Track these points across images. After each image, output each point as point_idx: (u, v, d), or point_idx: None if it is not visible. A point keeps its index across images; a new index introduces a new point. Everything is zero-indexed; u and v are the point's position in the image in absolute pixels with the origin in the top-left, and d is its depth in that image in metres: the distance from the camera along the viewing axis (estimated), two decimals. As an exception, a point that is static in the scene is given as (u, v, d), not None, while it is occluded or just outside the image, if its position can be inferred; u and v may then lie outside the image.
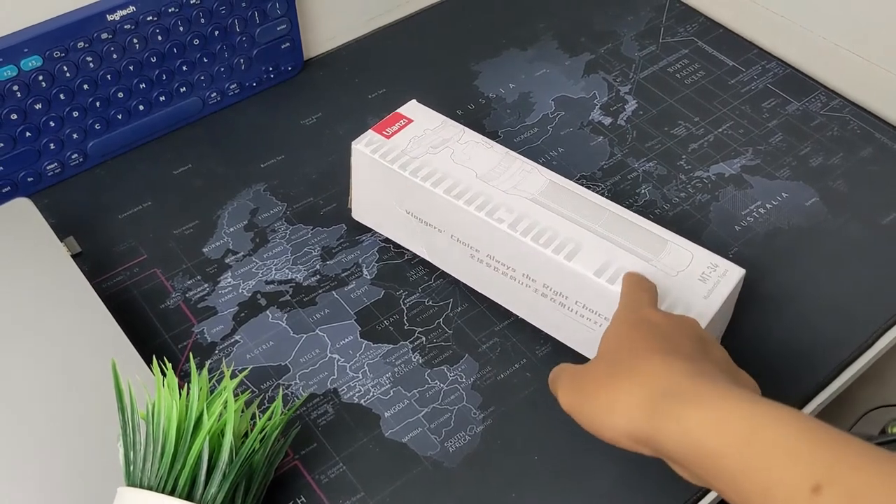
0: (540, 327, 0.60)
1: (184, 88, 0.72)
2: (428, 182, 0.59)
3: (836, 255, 0.66)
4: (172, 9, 0.67)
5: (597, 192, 0.70)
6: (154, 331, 0.61)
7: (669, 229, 0.60)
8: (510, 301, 0.61)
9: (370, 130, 0.63)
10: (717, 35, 0.84)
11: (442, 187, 0.59)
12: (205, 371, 0.50)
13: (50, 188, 0.69)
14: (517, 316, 0.61)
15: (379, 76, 0.79)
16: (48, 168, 0.68)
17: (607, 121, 0.76)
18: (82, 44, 0.64)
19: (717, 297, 0.53)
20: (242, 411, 0.50)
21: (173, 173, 0.71)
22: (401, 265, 0.65)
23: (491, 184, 0.59)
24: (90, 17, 0.63)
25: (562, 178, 0.60)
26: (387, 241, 0.66)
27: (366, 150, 0.61)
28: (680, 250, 0.56)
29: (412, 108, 0.65)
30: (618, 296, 0.53)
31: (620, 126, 0.75)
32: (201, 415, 0.47)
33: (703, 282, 0.54)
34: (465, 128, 0.63)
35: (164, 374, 0.48)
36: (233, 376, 0.57)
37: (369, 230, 0.67)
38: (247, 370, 0.54)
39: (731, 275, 0.55)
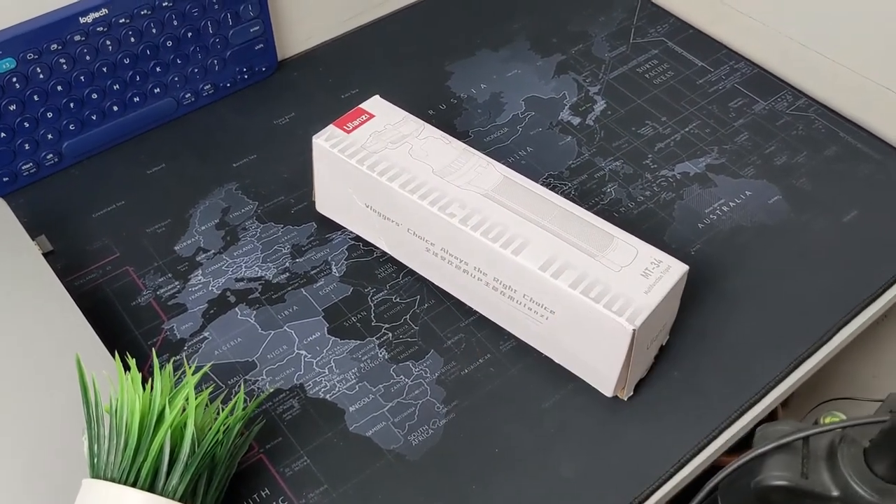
0: (495, 321, 0.62)
1: (158, 89, 0.73)
2: (384, 177, 0.60)
3: (797, 253, 0.67)
4: (145, 11, 0.68)
5: (564, 191, 0.71)
6: (125, 327, 0.62)
7: (634, 227, 0.61)
8: (467, 295, 0.62)
9: (331, 125, 0.64)
10: (687, 36, 0.85)
11: (398, 182, 0.60)
12: (168, 366, 0.51)
13: (25, 188, 0.71)
14: (482, 312, 0.62)
15: (353, 76, 0.81)
16: (23, 168, 0.69)
17: (576, 121, 0.77)
18: (55, 46, 0.65)
19: (657, 292, 0.54)
20: (207, 406, 0.51)
21: (147, 173, 0.72)
22: (369, 262, 0.66)
23: (446, 179, 0.60)
24: (63, 19, 0.65)
25: (516, 174, 0.62)
26: (357, 238, 0.67)
27: (325, 144, 0.63)
28: (625, 246, 0.57)
29: (374, 104, 0.66)
30: (561, 290, 0.54)
31: (589, 126, 0.77)
32: (164, 409, 0.48)
33: (646, 277, 0.55)
34: (426, 123, 0.65)
35: (128, 369, 0.49)
36: (197, 371, 0.58)
37: (339, 228, 0.68)
38: (207, 367, 0.55)
39: (673, 271, 0.56)
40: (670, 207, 0.70)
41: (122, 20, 0.67)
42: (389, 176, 0.61)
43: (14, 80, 0.65)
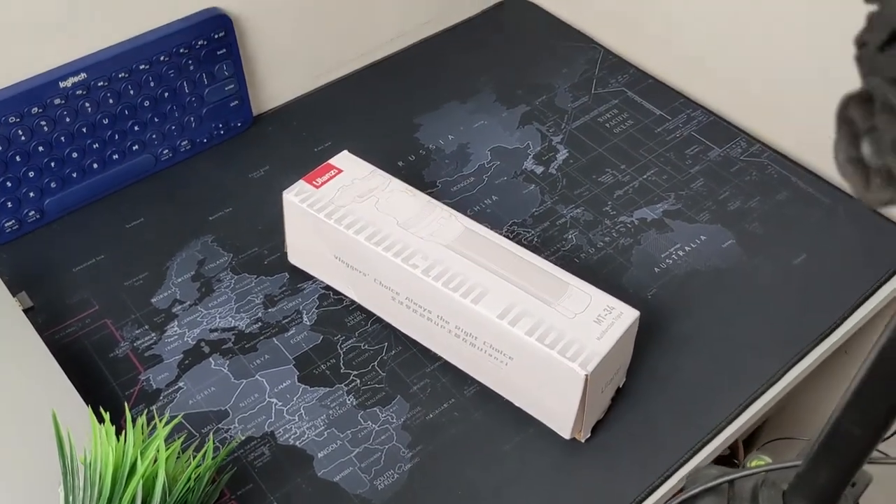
0: (459, 366, 0.64)
1: (136, 147, 0.76)
2: (351, 230, 0.63)
3: (749, 295, 0.70)
4: (123, 74, 0.71)
5: (527, 238, 0.74)
6: (103, 379, 0.64)
7: (593, 273, 0.64)
8: (431, 342, 0.65)
9: (301, 180, 0.67)
10: (647, 85, 0.89)
11: (364, 234, 0.63)
12: (141, 419, 0.54)
13: (7, 244, 0.73)
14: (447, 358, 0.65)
15: (325, 130, 0.84)
16: (6, 225, 0.72)
17: (539, 169, 0.80)
18: (36, 109, 0.68)
19: (609, 337, 0.57)
20: (179, 455, 0.54)
21: (126, 227, 0.75)
22: (339, 311, 0.69)
23: (410, 231, 0.63)
24: (43, 84, 0.68)
25: (477, 224, 0.65)
26: (327, 288, 0.70)
27: (295, 199, 0.66)
28: (580, 293, 0.60)
29: (343, 159, 0.69)
30: (518, 337, 0.57)
31: (551, 174, 0.80)
32: (136, 460, 0.50)
33: (598, 323, 0.58)
34: (392, 177, 0.68)
35: (102, 421, 0.52)
36: (169, 422, 0.60)
37: (311, 278, 0.71)
38: (177, 418, 0.57)
39: (625, 317, 0.59)
40: (628, 253, 0.73)
41: (100, 83, 0.70)
42: (356, 229, 0.64)
43: (-3, 142, 0.68)
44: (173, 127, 0.77)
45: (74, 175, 0.74)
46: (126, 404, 0.62)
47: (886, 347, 0.30)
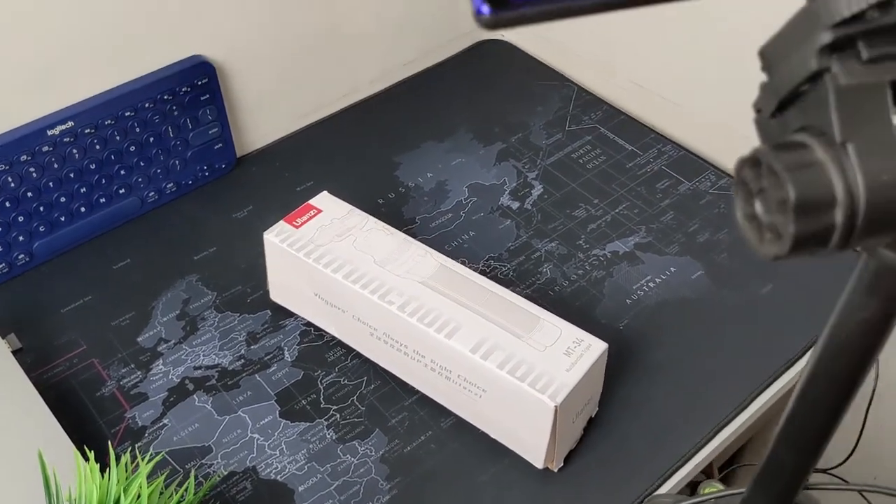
0: (436, 399, 0.66)
1: (123, 190, 0.78)
2: (329, 268, 0.66)
3: (717, 325, 0.72)
4: (109, 121, 0.74)
5: (502, 272, 0.77)
6: (90, 417, 0.66)
7: (567, 305, 0.66)
8: (409, 375, 0.67)
9: (281, 221, 0.69)
10: (619, 121, 0.92)
11: (341, 273, 0.65)
12: (125, 457, 0.55)
13: (-2, 286, 0.76)
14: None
15: (307, 170, 0.87)
16: (-4, 268, 0.74)
17: (515, 205, 0.83)
18: (25, 157, 0.71)
19: (578, 369, 0.59)
20: (162, 491, 0.55)
21: (113, 268, 0.77)
22: (320, 347, 0.71)
23: (386, 268, 0.66)
24: (31, 133, 0.70)
25: (452, 261, 0.67)
26: (308, 324, 0.72)
27: (275, 239, 0.68)
28: (550, 327, 0.62)
29: (322, 199, 0.72)
30: (490, 371, 0.59)
31: (527, 210, 0.82)
32: (119, 498, 0.52)
33: (568, 355, 0.60)
34: (369, 216, 0.70)
35: (87, 459, 0.54)
36: (152, 459, 0.62)
37: (292, 315, 0.73)
38: (159, 455, 0.59)
39: (593, 349, 0.61)
40: (601, 285, 0.75)
41: (87, 130, 0.73)
42: (334, 267, 0.66)
43: (-13, 189, 0.70)
44: (159, 170, 0.80)
45: (63, 219, 0.76)
46: (110, 442, 0.64)
47: (811, 376, 0.32)
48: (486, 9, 0.23)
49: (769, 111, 0.26)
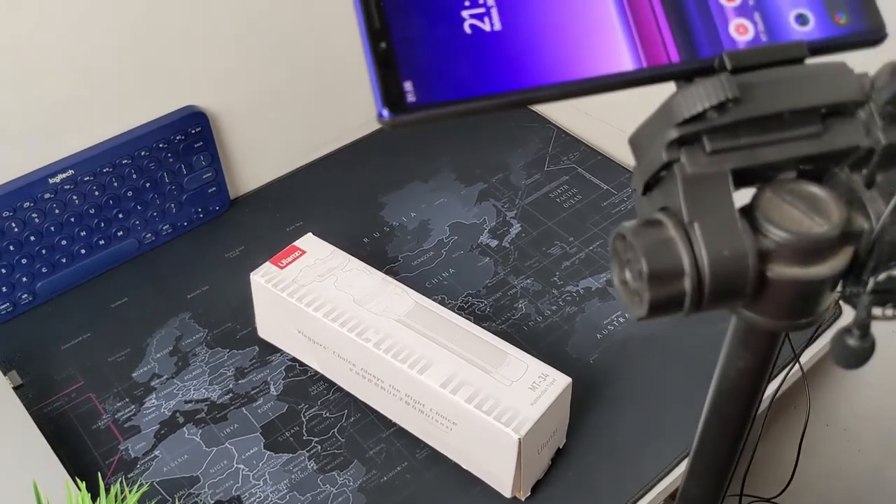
0: (411, 431, 0.70)
1: (121, 232, 0.83)
2: (311, 307, 0.70)
3: (682, 357, 0.76)
4: (107, 169, 0.79)
5: (480, 308, 0.80)
6: (86, 449, 0.70)
7: (540, 339, 0.69)
8: (386, 409, 0.71)
9: (267, 262, 0.74)
10: (596, 161, 0.95)
11: (322, 311, 0.69)
12: (115, 487, 0.59)
13: (1, 325, 0.80)
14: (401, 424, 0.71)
15: (297, 210, 0.91)
16: (1, 308, 0.79)
17: (494, 243, 0.87)
18: (28, 203, 0.75)
19: (542, 403, 0.63)
20: (149, 519, 0.59)
21: (111, 306, 0.81)
22: (304, 381, 0.75)
23: (365, 307, 0.70)
24: (34, 181, 0.75)
25: (427, 299, 0.71)
26: (293, 360, 0.76)
27: (262, 280, 0.72)
28: (517, 362, 0.66)
29: (306, 241, 0.76)
30: (459, 405, 0.63)
31: (505, 247, 0.86)
32: (107, 525, 0.56)
33: (533, 390, 0.64)
34: (351, 257, 0.74)
35: (79, 489, 0.57)
36: (141, 489, 0.66)
37: (278, 350, 0.77)
38: (147, 485, 0.63)
39: (557, 383, 0.64)
40: (573, 320, 0.79)
41: (86, 178, 0.78)
42: (315, 306, 0.70)
43: (-8, 234, 0.75)
44: (155, 213, 0.84)
45: (63, 260, 0.80)
46: (100, 474, 0.68)
47: (707, 418, 0.36)
48: (385, 112, 0.27)
49: (640, 191, 0.30)
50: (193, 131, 0.83)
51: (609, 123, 0.95)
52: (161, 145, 0.81)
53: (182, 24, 0.80)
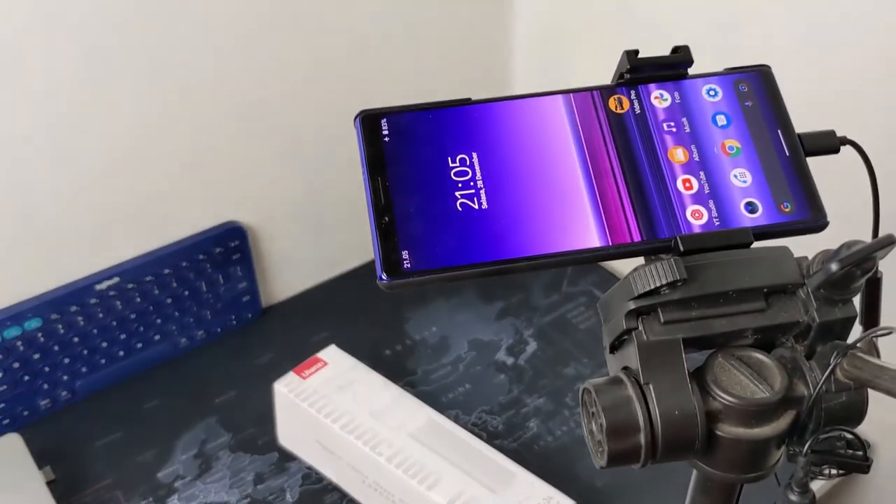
0: (419, 546, 0.72)
1: (158, 337, 0.88)
2: (329, 418, 0.73)
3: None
4: (149, 277, 0.85)
5: (492, 425, 0.83)
6: (108, 546, 0.74)
7: (549, 459, 0.72)
8: (396, 523, 0.73)
9: (291, 372, 0.78)
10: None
11: (339, 423, 0.73)
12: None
13: (41, 420, 0.85)
14: (408, 537, 0.73)
15: (324, 321, 0.96)
16: (42, 404, 0.84)
17: (510, 361, 0.90)
18: (75, 307, 0.81)
19: (543, 526, 0.65)
20: None
21: (144, 407, 0.86)
22: (319, 490, 0.78)
23: (380, 421, 0.73)
24: (82, 287, 0.81)
25: (441, 416, 0.74)
26: (310, 468, 0.79)
27: (284, 390, 0.76)
28: (524, 483, 0.68)
29: (329, 352, 0.80)
30: None
31: (520, 365, 0.90)
32: None
33: (536, 512, 0.66)
34: (371, 370, 0.78)
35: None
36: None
37: (296, 458, 0.80)
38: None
39: (560, 507, 0.67)
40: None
41: (130, 285, 0.84)
42: (333, 418, 0.74)
43: (40, 334, 0.80)
44: (191, 319, 0.90)
45: (103, 361, 0.86)
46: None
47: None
48: (384, 276, 0.32)
49: (607, 350, 0.34)
50: (232, 244, 0.89)
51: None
52: (201, 257, 0.87)
53: (228, 145, 0.87)
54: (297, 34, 0.85)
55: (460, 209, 0.34)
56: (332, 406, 0.75)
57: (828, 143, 0.36)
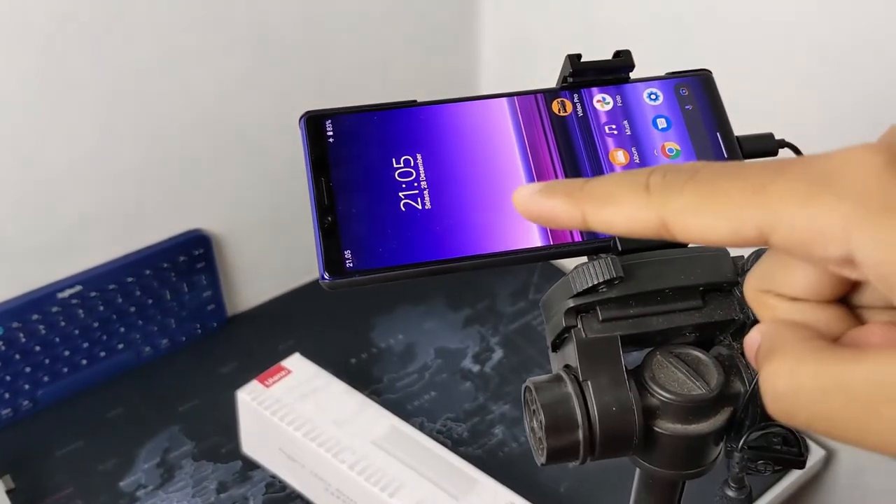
0: (381, 554, 0.72)
1: (121, 345, 0.88)
2: (292, 426, 0.73)
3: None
4: (113, 286, 0.84)
5: (457, 432, 0.83)
6: (68, 556, 0.73)
7: (514, 465, 0.72)
8: (358, 530, 0.73)
9: (254, 380, 0.78)
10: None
11: (302, 431, 0.73)
12: None
13: (2, 429, 0.84)
14: (371, 544, 0.73)
15: (289, 330, 0.95)
16: (3, 413, 0.83)
17: (476, 368, 0.91)
18: (36, 316, 0.81)
19: (503, 531, 0.65)
20: None
21: (106, 416, 0.85)
22: (282, 498, 0.78)
23: (343, 429, 0.73)
24: (44, 295, 0.81)
25: (404, 423, 0.74)
26: (273, 476, 0.79)
27: (247, 398, 0.76)
28: (486, 489, 0.68)
29: (293, 361, 0.80)
30: None
31: (486, 373, 0.90)
32: None
33: (497, 518, 0.66)
34: (334, 378, 0.78)
35: None
36: None
37: (260, 467, 0.80)
38: None
39: (520, 512, 0.67)
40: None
41: (93, 294, 0.83)
42: (296, 426, 0.74)
43: (0, 343, 0.80)
44: (155, 328, 0.89)
45: (65, 370, 0.85)
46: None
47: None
48: (326, 276, 0.32)
49: (550, 348, 0.35)
50: (197, 253, 0.89)
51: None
52: (165, 265, 0.87)
53: (192, 153, 0.87)
54: (262, 44, 0.86)
55: (404, 209, 0.34)
56: (294, 414, 0.75)
57: (766, 146, 0.36)
